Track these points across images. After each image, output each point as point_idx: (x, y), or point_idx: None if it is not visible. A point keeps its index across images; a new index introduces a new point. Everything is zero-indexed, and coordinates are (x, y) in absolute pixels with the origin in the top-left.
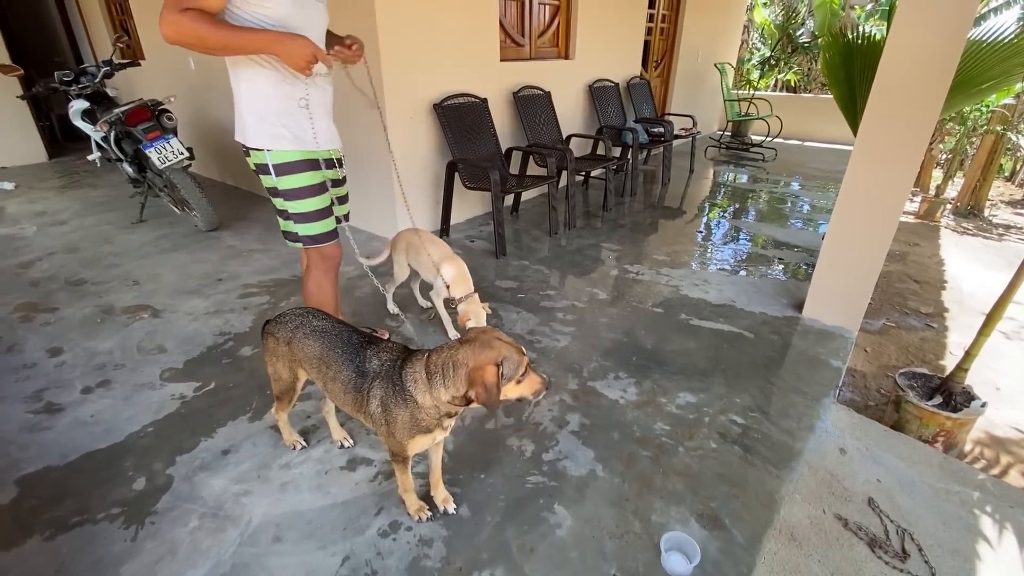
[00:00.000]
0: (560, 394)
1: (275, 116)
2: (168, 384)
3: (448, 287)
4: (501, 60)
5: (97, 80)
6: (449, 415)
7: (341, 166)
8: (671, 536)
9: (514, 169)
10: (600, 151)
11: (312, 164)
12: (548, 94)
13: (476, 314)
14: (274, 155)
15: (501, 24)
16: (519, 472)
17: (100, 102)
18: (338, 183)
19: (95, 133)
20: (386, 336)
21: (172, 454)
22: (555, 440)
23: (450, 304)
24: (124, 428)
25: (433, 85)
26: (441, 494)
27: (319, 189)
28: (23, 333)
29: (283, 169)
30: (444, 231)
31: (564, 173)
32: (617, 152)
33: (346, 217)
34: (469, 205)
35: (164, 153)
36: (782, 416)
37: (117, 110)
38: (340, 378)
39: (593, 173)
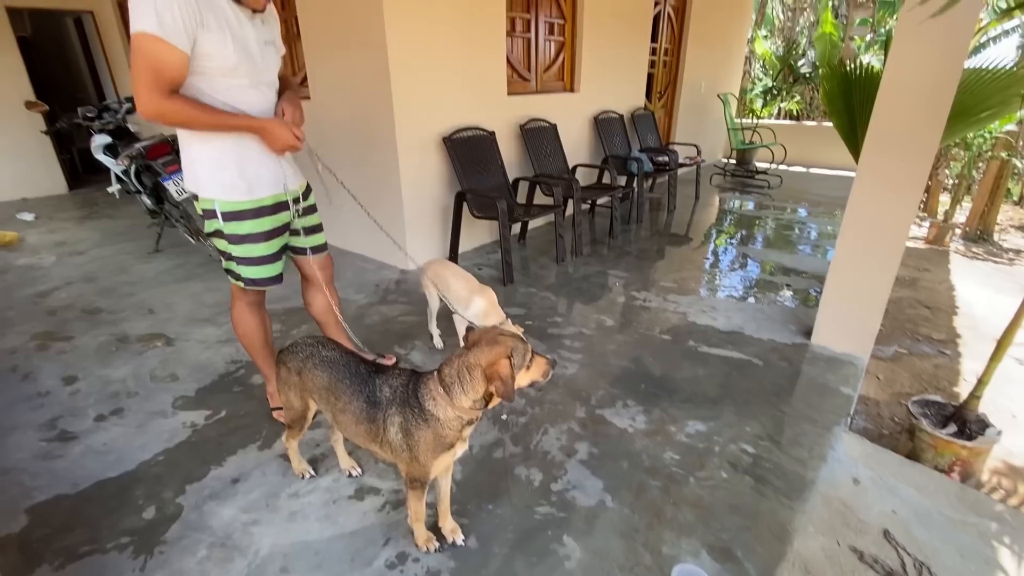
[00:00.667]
0: (568, 422)
1: (233, 165)
2: (180, 412)
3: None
4: (508, 94)
5: (120, 116)
6: (470, 422)
7: (306, 199)
8: (682, 569)
9: (521, 198)
10: (606, 180)
11: (261, 211)
12: (554, 126)
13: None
14: (223, 204)
15: (508, 60)
16: (527, 502)
17: (122, 137)
18: (308, 211)
19: (116, 167)
20: (392, 361)
21: (182, 483)
22: (564, 470)
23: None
24: (136, 456)
25: (442, 119)
26: (449, 524)
27: (268, 235)
28: (39, 362)
29: (231, 216)
30: (452, 259)
31: (570, 202)
32: (623, 181)
33: (319, 248)
34: (477, 233)
35: (182, 185)
36: (793, 445)
37: (139, 144)
38: (350, 409)
39: (599, 201)
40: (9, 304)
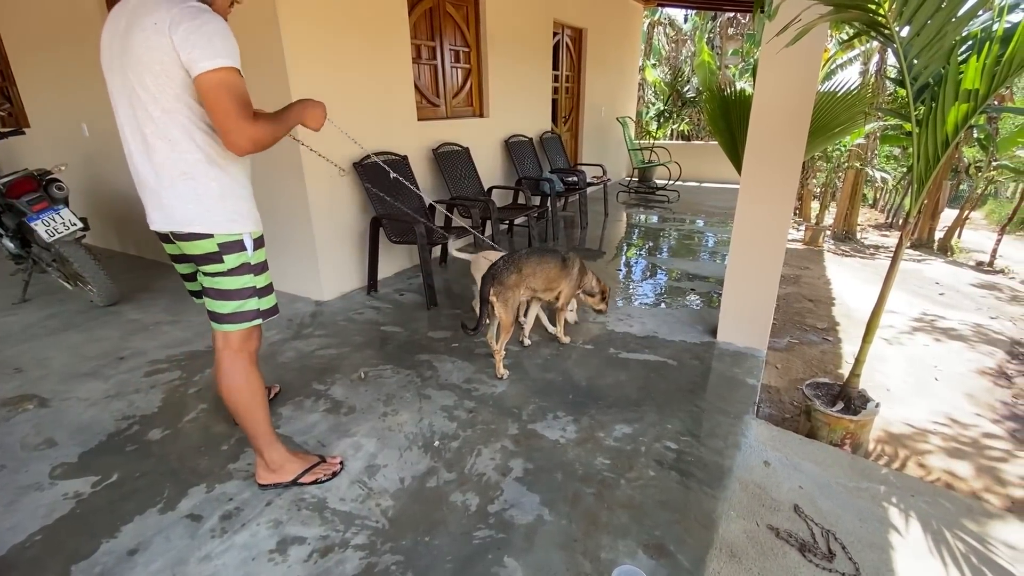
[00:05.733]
0: (501, 440)
1: (248, 193)
2: (60, 482)
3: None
4: (419, 119)
5: None
6: None
7: None
8: (621, 570)
9: (439, 221)
10: (521, 200)
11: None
12: (467, 149)
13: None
14: (253, 233)
15: (416, 86)
16: (465, 529)
17: None
18: None
19: None
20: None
21: (66, 563)
22: (499, 490)
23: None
24: (5, 540)
25: (351, 145)
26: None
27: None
28: None
29: (260, 243)
30: (372, 287)
31: (488, 223)
32: (537, 201)
33: None
34: (396, 259)
35: (53, 225)
36: (710, 436)
37: None
38: (552, 267)
39: (516, 221)
40: None
